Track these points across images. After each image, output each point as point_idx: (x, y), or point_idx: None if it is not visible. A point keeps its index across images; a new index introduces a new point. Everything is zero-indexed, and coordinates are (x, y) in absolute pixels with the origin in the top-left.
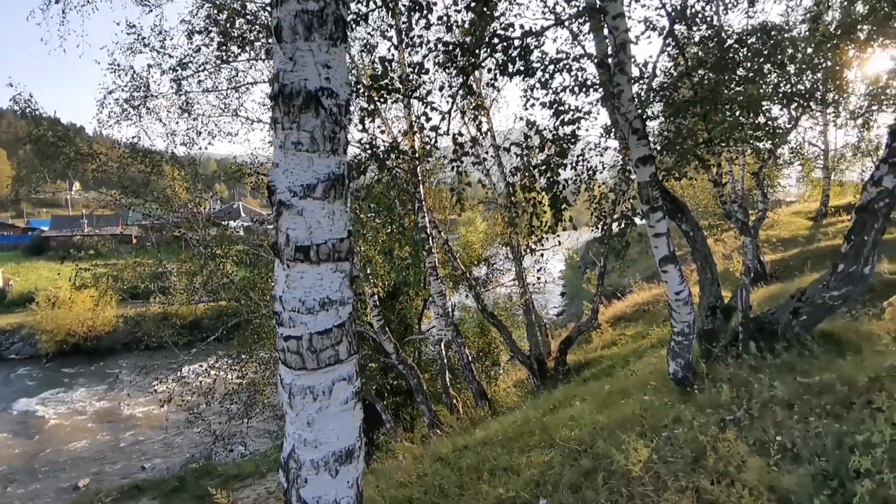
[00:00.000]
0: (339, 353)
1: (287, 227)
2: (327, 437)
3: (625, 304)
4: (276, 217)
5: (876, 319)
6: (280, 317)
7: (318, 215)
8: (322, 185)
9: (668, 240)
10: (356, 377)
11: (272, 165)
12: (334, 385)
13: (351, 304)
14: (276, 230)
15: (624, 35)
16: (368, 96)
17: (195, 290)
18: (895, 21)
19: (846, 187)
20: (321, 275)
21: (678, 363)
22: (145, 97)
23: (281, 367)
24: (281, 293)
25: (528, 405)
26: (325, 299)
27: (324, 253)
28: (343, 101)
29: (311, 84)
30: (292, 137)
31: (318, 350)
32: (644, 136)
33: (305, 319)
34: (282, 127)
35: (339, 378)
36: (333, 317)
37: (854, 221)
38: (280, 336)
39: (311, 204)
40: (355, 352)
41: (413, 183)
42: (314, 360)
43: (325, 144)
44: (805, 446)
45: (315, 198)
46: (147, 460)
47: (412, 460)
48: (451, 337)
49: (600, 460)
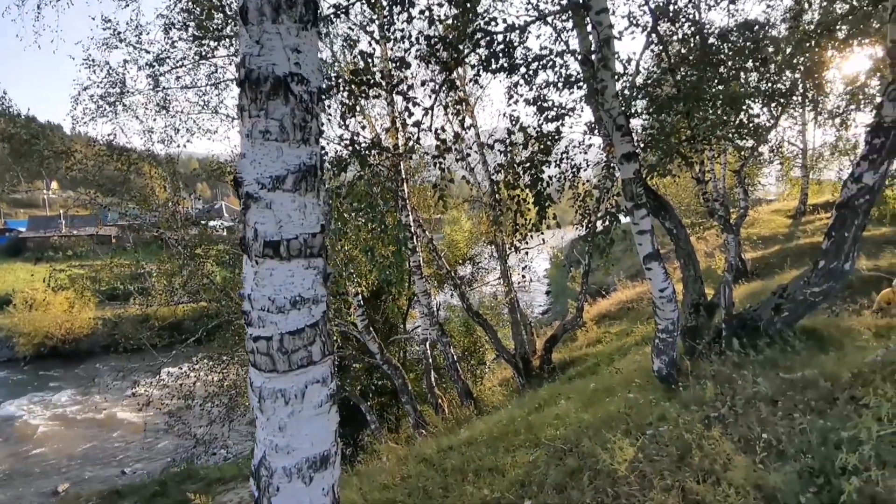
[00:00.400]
0: (312, 354)
1: (255, 221)
2: (300, 443)
3: (609, 302)
4: (244, 211)
5: (856, 315)
6: (249, 316)
7: (289, 209)
8: (292, 177)
9: (652, 237)
10: (331, 379)
11: (239, 156)
12: (307, 388)
13: (325, 303)
14: (243, 225)
15: (607, 31)
16: (349, 91)
17: (174, 291)
18: (874, 20)
19: (824, 186)
20: (292, 272)
21: (662, 360)
22: (121, 93)
23: (251, 370)
24: (250, 291)
25: (513, 404)
26: (296, 297)
27: (295, 248)
28: (314, 88)
29: (280, 69)
30: (260, 126)
31: (289, 351)
32: (628, 133)
33: (276, 319)
34: (249, 115)
35: (312, 380)
36: (306, 316)
37: (834, 218)
38: (249, 337)
39: (281, 197)
40: (330, 352)
41: (396, 181)
42: (285, 361)
43: (296, 133)
44: (790, 443)
45: (285, 190)
46: (127, 465)
47: (396, 462)
48: (437, 336)
49: (586, 459)
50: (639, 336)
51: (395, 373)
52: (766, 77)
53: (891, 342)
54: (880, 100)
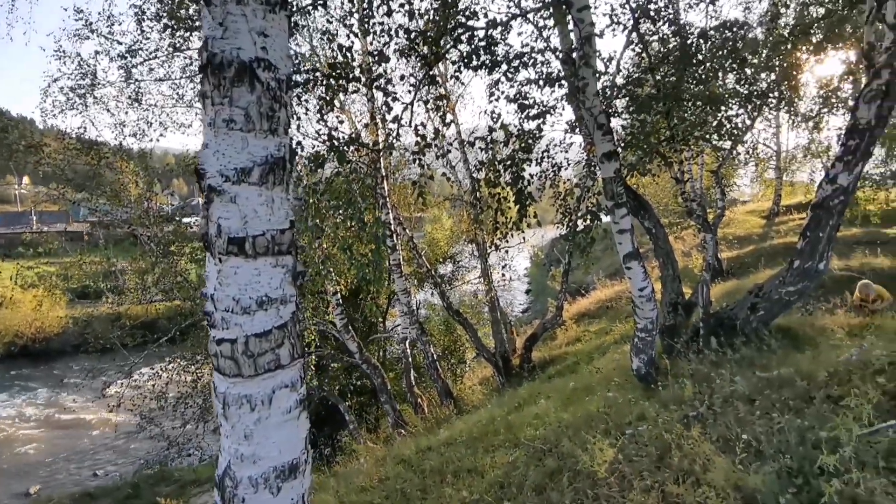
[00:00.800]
0: (280, 357)
1: (218, 216)
2: (268, 451)
3: (589, 300)
4: (206, 205)
5: (829, 314)
6: (212, 318)
7: (255, 203)
8: (259, 169)
9: (632, 236)
10: (301, 383)
11: (202, 146)
12: (275, 393)
13: (294, 303)
14: (205, 220)
15: (589, 28)
16: (327, 84)
17: (147, 290)
18: (848, 25)
19: (797, 187)
20: (259, 270)
21: (641, 359)
22: (92, 85)
23: (214, 375)
24: (213, 291)
25: (493, 403)
26: (263, 298)
27: (261, 246)
28: (283, 75)
29: (245, 54)
30: (224, 114)
31: (255, 354)
32: (609, 132)
33: (241, 320)
34: (212, 102)
35: (280, 385)
36: (273, 317)
37: (809, 218)
38: (212, 339)
39: (247, 190)
40: (300, 355)
41: (375, 177)
42: (251, 365)
43: (262, 123)
44: (769, 443)
45: (251, 183)
46: (99, 466)
47: (374, 463)
48: (416, 335)
49: (565, 460)
50: (618, 334)
51: (374, 372)
52: (744, 78)
53: (864, 341)
54: (855, 102)
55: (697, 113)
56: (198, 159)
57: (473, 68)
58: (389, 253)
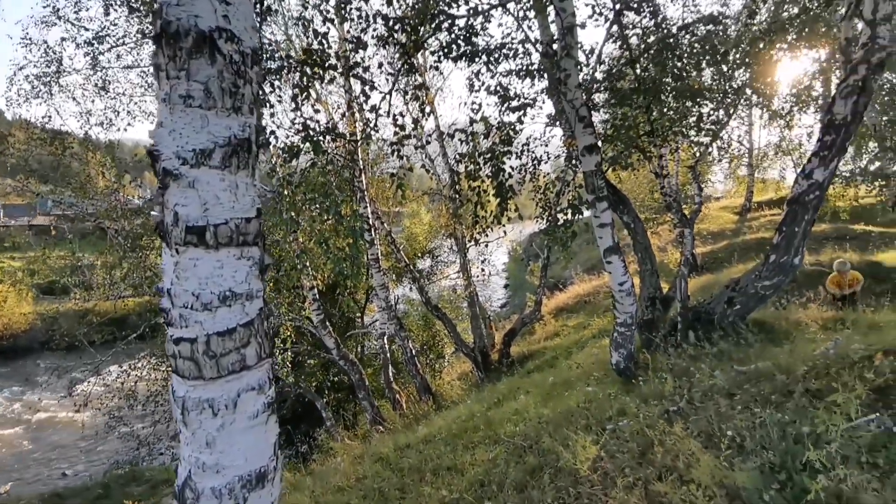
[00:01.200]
0: (245, 357)
1: (175, 202)
2: (232, 460)
3: (567, 295)
4: (161, 191)
5: (802, 308)
6: (169, 315)
7: (216, 188)
8: (221, 151)
9: (612, 230)
10: (269, 385)
11: (156, 125)
12: (240, 396)
13: (262, 299)
14: (161, 207)
15: (571, 19)
16: (301, 72)
17: (114, 285)
18: (822, 24)
19: (768, 184)
20: (221, 262)
21: (620, 353)
22: (58, 73)
23: (173, 378)
24: (169, 286)
25: (472, 399)
26: (226, 293)
27: (224, 235)
28: (248, 48)
29: (205, 22)
30: (180, 89)
31: (217, 355)
32: (590, 125)
33: (201, 318)
34: (167, 76)
35: (246, 388)
36: (238, 314)
37: (785, 213)
38: (169, 339)
39: (207, 174)
40: (268, 355)
41: (352, 169)
42: (213, 367)
43: (225, 100)
44: (751, 438)
45: (212, 166)
46: (69, 466)
47: (351, 462)
48: (395, 330)
49: (546, 456)
50: (596, 329)
51: (351, 368)
52: (721, 74)
53: (839, 334)
54: (831, 98)
55: (677, 108)
56: (152, 139)
57: (454, 59)
58: (367, 247)
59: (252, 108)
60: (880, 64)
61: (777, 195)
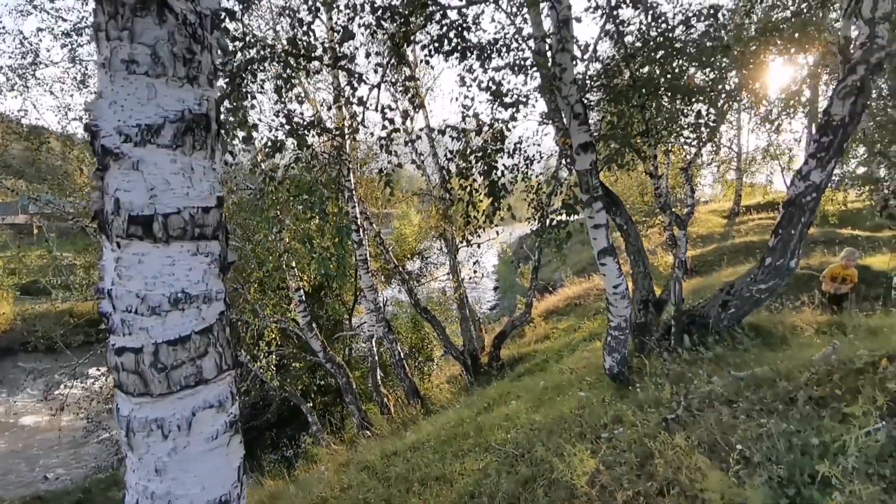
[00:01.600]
0: (201, 369)
1: (117, 187)
2: (187, 489)
3: (557, 297)
4: (100, 173)
5: (797, 312)
6: (110, 320)
7: (166, 171)
8: (172, 127)
9: (607, 231)
10: (231, 401)
11: (95, 96)
12: (195, 415)
13: (223, 301)
14: (100, 192)
15: (566, 11)
16: (285, 63)
17: (93, 285)
18: (813, 28)
19: (756, 188)
20: (172, 259)
21: (614, 358)
22: (33, 65)
23: (116, 394)
24: (110, 286)
25: (461, 404)
26: (178, 294)
27: (176, 227)
28: (206, 8)
29: None
30: (122, 53)
31: (168, 367)
32: (585, 122)
33: (148, 323)
34: (107, 37)
35: (202, 405)
36: (193, 319)
37: (781, 216)
38: (111, 348)
39: (155, 154)
40: (230, 366)
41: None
42: (163, 381)
43: (177, 67)
44: (756, 449)
45: (160, 145)
46: (49, 470)
47: (336, 470)
48: (383, 333)
49: (539, 466)
50: (586, 332)
51: (338, 371)
52: (721, 69)
53: (835, 339)
54: (826, 99)
55: (673, 107)
56: (90, 113)
57: (445, 53)
58: (356, 248)
59: (211, 79)
60: (879, 64)
61: (765, 199)
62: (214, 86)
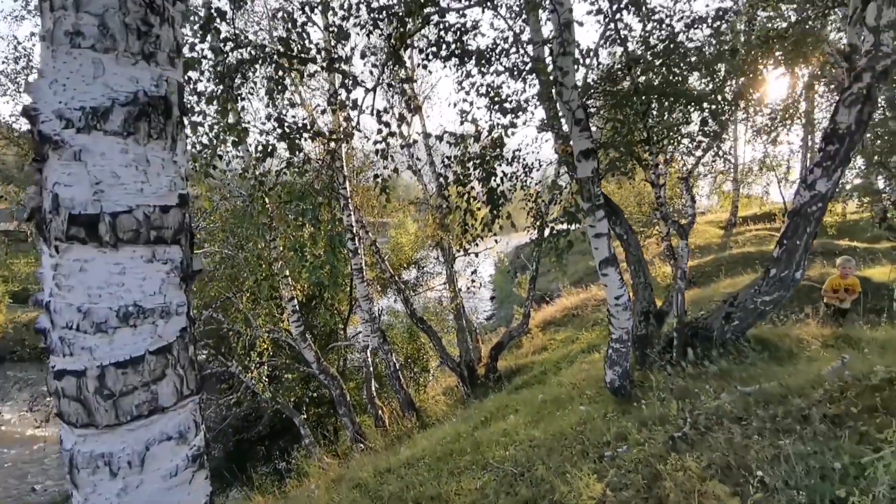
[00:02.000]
0: (157, 396)
1: (55, 181)
2: None
3: (554, 308)
4: (38, 164)
5: (801, 324)
6: (49, 338)
7: (115, 163)
8: (122, 111)
9: (608, 241)
10: (196, 431)
11: (36, 75)
12: (150, 450)
13: (186, 316)
14: (38, 187)
15: (568, 14)
16: (277, 64)
17: None
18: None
19: (752, 199)
20: (122, 266)
21: (615, 371)
22: (27, 69)
23: (62, 424)
24: (48, 297)
25: (458, 417)
26: (129, 308)
27: (127, 228)
28: None
29: None
30: (66, 24)
31: (116, 394)
32: (587, 128)
33: (91, 342)
34: (50, 6)
35: (159, 437)
36: (146, 337)
37: (786, 225)
38: (50, 371)
39: (102, 142)
40: (192, 391)
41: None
42: (110, 410)
43: (130, 42)
44: (773, 473)
45: (109, 132)
46: (39, 481)
47: (326, 488)
48: (378, 343)
49: (539, 487)
50: (584, 343)
51: (332, 383)
52: (721, 80)
53: (843, 353)
54: (821, 111)
55: (675, 111)
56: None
57: (443, 58)
58: (351, 257)
59: (173, 57)
60: (885, 72)
61: (761, 210)
62: (178, 66)
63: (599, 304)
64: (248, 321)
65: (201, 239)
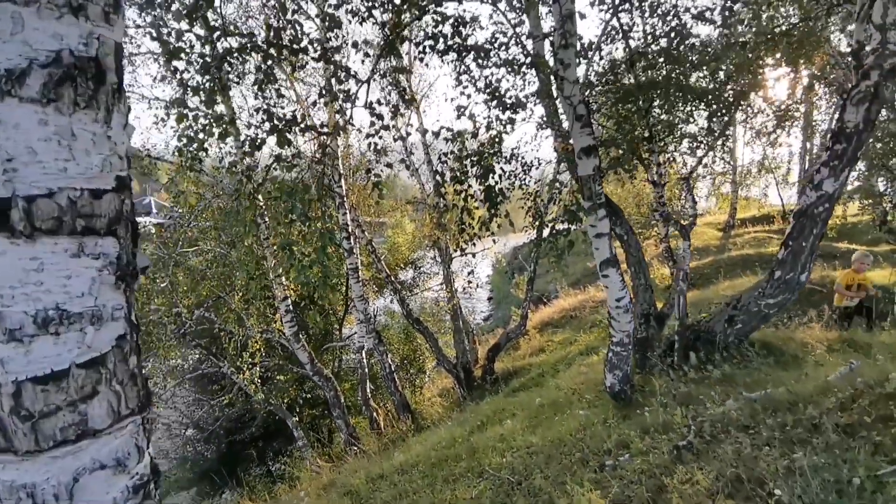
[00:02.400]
0: (87, 417)
1: None
2: None
3: (552, 309)
4: None
5: (805, 328)
6: None
7: (33, 136)
8: (42, 74)
9: (609, 241)
10: (138, 457)
11: None
12: (79, 481)
13: (124, 320)
14: None
15: (570, 5)
16: (266, 53)
17: None
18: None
19: (751, 201)
20: (40, 261)
21: (616, 375)
22: None
23: None
24: None
25: (453, 420)
26: (49, 312)
27: (45, 216)
28: None
29: None
30: None
31: (36, 415)
32: (588, 125)
33: (5, 353)
34: None
35: (91, 466)
36: (73, 347)
37: (792, 227)
38: None
39: (16, 111)
40: (133, 410)
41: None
42: (29, 434)
43: None
44: (786, 488)
45: (25, 98)
46: None
47: (317, 494)
48: (374, 344)
49: (538, 497)
50: (582, 345)
51: (326, 384)
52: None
53: (851, 358)
54: (820, 113)
55: (677, 108)
56: None
57: (440, 52)
58: (346, 257)
59: (108, 13)
60: (893, 69)
61: (760, 212)
62: (115, 23)
63: (598, 306)
64: (240, 321)
65: (193, 237)
